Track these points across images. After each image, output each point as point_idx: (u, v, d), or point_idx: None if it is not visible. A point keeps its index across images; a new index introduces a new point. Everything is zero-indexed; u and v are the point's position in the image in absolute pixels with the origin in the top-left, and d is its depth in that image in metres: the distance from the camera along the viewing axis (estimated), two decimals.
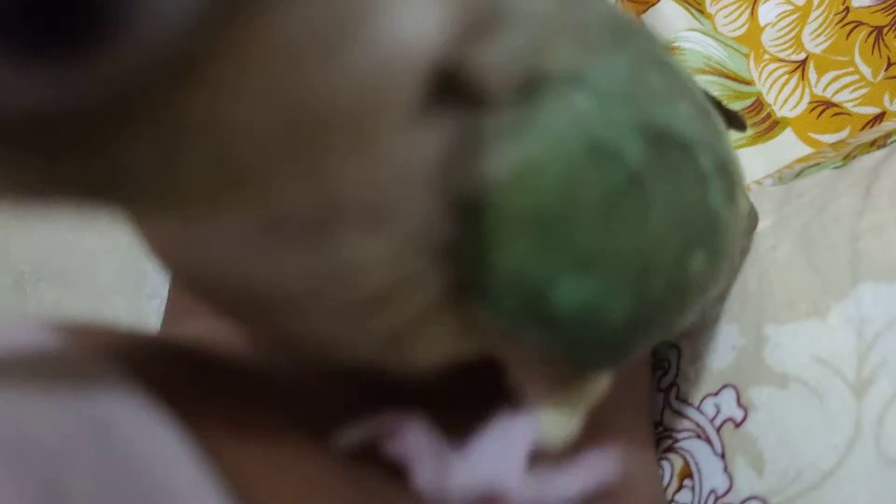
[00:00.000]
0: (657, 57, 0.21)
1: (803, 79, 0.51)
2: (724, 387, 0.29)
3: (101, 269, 0.59)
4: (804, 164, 0.44)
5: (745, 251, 0.31)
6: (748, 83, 0.51)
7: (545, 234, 0.17)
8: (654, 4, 0.53)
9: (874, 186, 0.32)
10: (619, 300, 0.19)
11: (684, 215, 0.20)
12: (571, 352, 0.19)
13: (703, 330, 0.31)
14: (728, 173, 0.23)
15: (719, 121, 0.25)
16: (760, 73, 0.52)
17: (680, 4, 0.54)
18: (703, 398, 0.30)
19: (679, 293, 0.21)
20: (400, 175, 0.15)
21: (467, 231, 0.17)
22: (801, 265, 0.30)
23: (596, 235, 0.18)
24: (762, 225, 0.33)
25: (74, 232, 0.57)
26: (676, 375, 0.32)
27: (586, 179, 0.17)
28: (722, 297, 0.31)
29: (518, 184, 0.17)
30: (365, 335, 0.18)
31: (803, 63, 0.51)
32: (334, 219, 0.15)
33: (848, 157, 0.38)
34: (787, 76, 0.51)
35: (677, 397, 0.31)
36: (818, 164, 0.41)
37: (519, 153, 0.17)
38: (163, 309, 0.37)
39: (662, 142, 0.19)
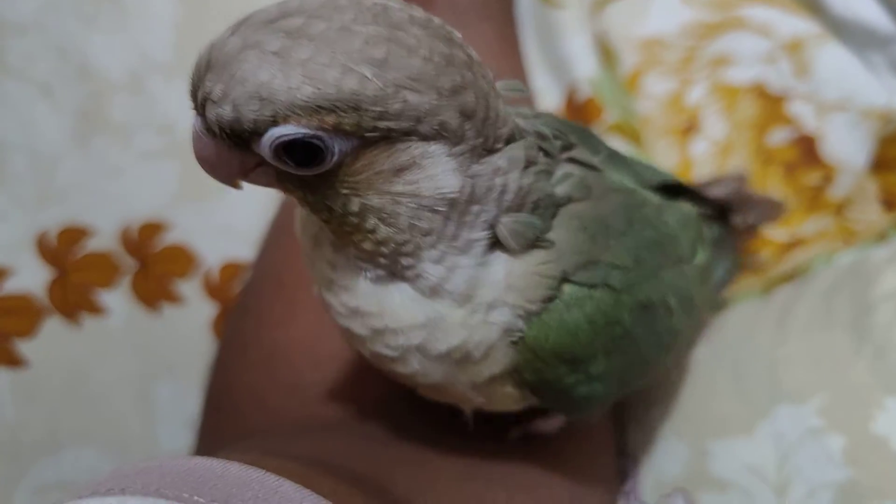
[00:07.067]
0: (652, 236, 0.33)
1: None
2: (675, 490, 0.36)
3: None
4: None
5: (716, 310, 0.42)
6: None
7: (574, 365, 0.30)
8: None
9: (786, 321, 0.40)
10: (608, 394, 0.33)
11: (658, 339, 0.34)
12: (574, 412, 0.34)
13: (657, 444, 0.38)
14: (689, 298, 0.35)
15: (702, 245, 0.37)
16: None
17: (621, 138, 0.62)
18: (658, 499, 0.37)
19: (647, 377, 0.36)
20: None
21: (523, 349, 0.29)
22: (732, 390, 0.37)
23: (601, 365, 0.31)
24: (699, 351, 0.41)
25: None
26: (636, 482, 0.38)
27: (601, 335, 0.30)
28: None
29: (562, 334, 0.29)
30: (458, 385, 0.31)
31: None
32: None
33: (767, 288, 0.47)
34: None
35: (637, 498, 0.38)
36: (744, 291, 0.49)
37: (562, 318, 0.29)
38: None
39: (646, 307, 0.32)
